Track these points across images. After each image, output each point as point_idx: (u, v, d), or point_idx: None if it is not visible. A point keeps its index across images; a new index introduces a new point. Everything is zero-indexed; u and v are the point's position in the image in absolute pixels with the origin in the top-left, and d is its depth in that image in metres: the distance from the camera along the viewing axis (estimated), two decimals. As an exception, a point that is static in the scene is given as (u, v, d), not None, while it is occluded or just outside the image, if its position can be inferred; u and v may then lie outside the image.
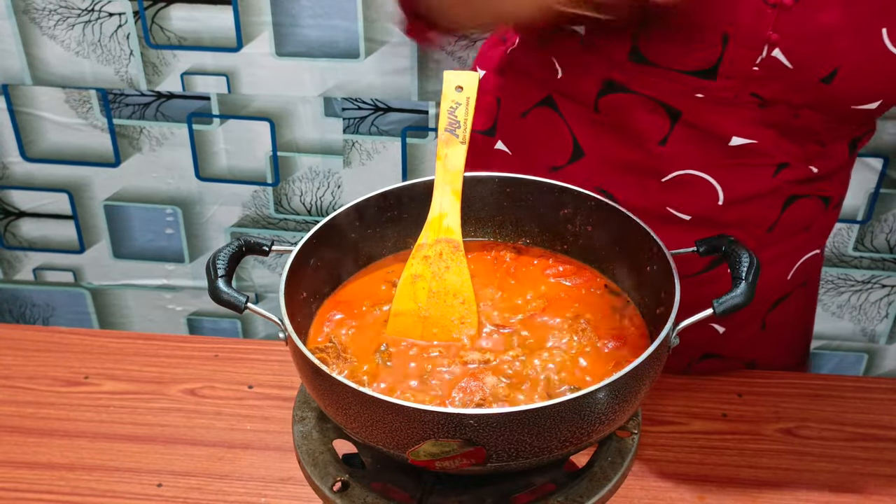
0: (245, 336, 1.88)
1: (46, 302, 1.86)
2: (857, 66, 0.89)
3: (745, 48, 0.90)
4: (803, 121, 0.94)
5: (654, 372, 0.72)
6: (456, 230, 0.85)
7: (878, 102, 0.92)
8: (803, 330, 1.20)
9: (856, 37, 0.88)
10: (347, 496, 0.75)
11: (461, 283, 0.84)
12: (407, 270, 0.84)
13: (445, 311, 0.83)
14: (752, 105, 0.93)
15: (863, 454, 0.98)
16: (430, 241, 0.84)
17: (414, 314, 0.82)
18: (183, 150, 1.63)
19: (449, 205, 0.85)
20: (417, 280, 0.83)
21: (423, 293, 0.83)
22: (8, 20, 1.51)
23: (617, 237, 0.85)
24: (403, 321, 0.82)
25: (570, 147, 1.01)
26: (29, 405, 1.04)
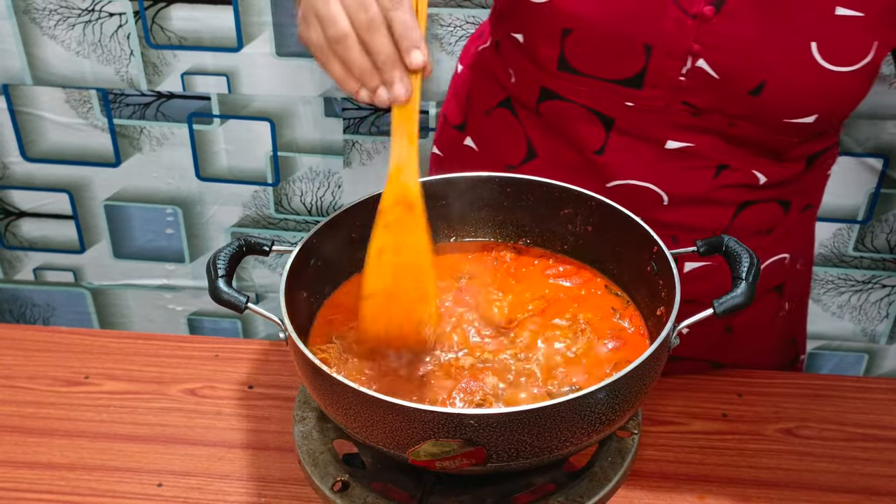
0: (245, 336, 1.88)
1: (47, 302, 1.86)
2: (785, 80, 0.88)
3: (668, 58, 0.89)
4: (739, 130, 0.94)
5: (655, 372, 0.72)
6: (413, 186, 0.75)
7: (813, 117, 0.91)
8: (785, 335, 1.18)
9: (781, 50, 0.87)
10: (347, 496, 0.75)
11: (418, 252, 0.77)
12: (372, 243, 0.76)
13: (407, 290, 0.77)
14: (684, 113, 0.93)
15: (863, 454, 0.98)
16: (389, 204, 0.76)
17: (384, 295, 0.76)
18: (183, 150, 1.63)
19: (405, 154, 0.75)
20: (382, 255, 0.76)
21: (388, 269, 0.76)
22: (8, 20, 1.51)
23: (617, 237, 0.85)
24: (374, 305, 0.76)
25: (524, 148, 1.02)
26: (29, 405, 1.04)
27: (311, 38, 0.72)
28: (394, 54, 0.71)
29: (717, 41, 0.88)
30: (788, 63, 0.88)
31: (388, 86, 0.72)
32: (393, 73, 0.72)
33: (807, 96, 0.90)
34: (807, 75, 0.88)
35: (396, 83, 0.72)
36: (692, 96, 0.91)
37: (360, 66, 0.71)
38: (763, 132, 0.94)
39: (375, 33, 0.71)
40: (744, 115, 0.92)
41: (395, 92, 0.72)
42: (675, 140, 0.94)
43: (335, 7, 0.71)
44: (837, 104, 0.92)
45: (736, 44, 0.88)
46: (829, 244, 1.63)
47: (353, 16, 0.70)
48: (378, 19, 0.70)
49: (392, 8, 0.70)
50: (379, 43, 0.71)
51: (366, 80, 0.72)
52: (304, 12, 0.73)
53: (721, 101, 0.91)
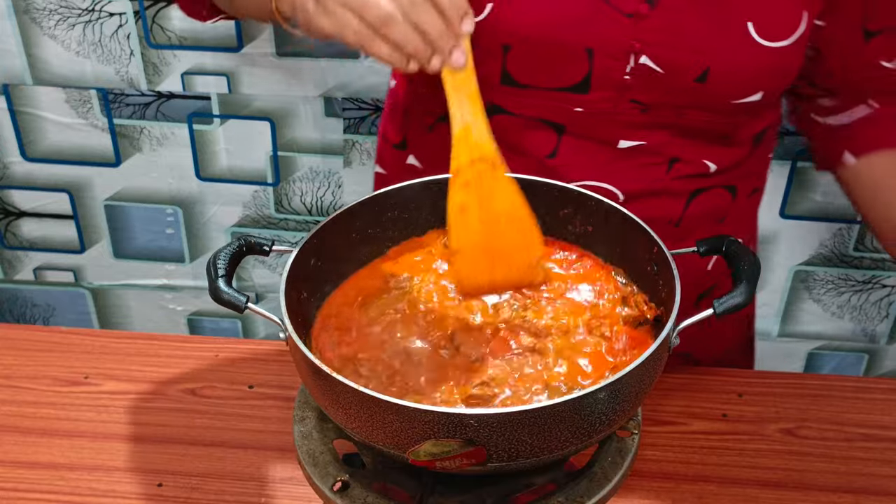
0: (245, 336, 1.88)
1: (47, 302, 1.86)
2: (728, 63, 0.89)
3: (611, 60, 0.90)
4: (689, 120, 0.94)
5: (655, 372, 0.72)
6: (487, 143, 0.79)
7: (759, 94, 0.92)
8: (743, 321, 1.20)
9: (721, 34, 0.88)
10: (347, 496, 0.75)
11: (512, 204, 0.81)
12: (452, 200, 0.80)
13: (506, 240, 0.80)
14: (634, 111, 0.93)
15: (863, 454, 0.98)
16: (465, 164, 0.79)
17: (476, 248, 0.80)
18: (183, 149, 1.63)
19: (470, 114, 0.78)
20: (465, 211, 0.80)
21: (475, 224, 0.80)
22: (8, 20, 1.51)
23: (617, 237, 0.85)
24: (468, 259, 0.80)
25: None
26: (29, 405, 1.04)
27: (346, 24, 0.71)
28: (444, 26, 0.72)
29: (656, 36, 0.89)
30: (728, 46, 0.89)
31: (444, 55, 0.73)
32: (448, 44, 0.73)
33: (750, 75, 0.91)
34: (747, 55, 0.89)
35: (454, 52, 0.73)
36: (639, 93, 0.92)
37: (413, 44, 0.71)
38: (712, 117, 0.95)
39: (422, 10, 0.71)
40: (692, 104, 0.93)
41: (454, 61, 0.74)
42: (626, 139, 0.95)
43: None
44: (779, 78, 0.94)
45: (675, 36, 0.89)
46: (829, 244, 1.63)
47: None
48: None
49: None
50: (428, 19, 0.71)
51: (420, 55, 0.72)
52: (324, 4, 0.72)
53: (668, 93, 0.92)
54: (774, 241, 1.62)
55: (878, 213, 1.03)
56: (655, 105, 0.93)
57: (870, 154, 1.02)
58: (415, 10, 0.70)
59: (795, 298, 1.69)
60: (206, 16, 1.01)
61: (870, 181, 1.03)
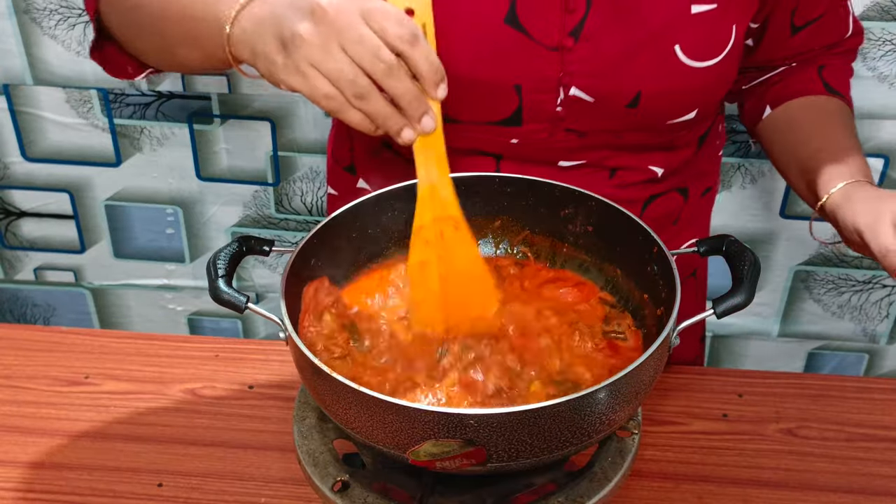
0: (245, 336, 1.88)
1: (47, 302, 1.86)
2: (657, 86, 0.89)
3: (540, 94, 0.90)
4: (627, 140, 0.95)
5: (655, 372, 0.72)
6: (452, 203, 0.79)
7: (693, 112, 0.92)
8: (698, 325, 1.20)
9: (648, 60, 0.88)
10: (347, 496, 0.75)
11: (471, 262, 0.81)
12: (412, 258, 0.80)
13: (463, 295, 0.80)
14: (570, 138, 0.93)
15: (864, 455, 0.98)
16: (428, 222, 0.79)
17: (433, 300, 0.80)
18: (184, 149, 1.63)
19: (436, 174, 0.78)
20: (425, 267, 0.80)
21: (433, 279, 0.80)
22: (9, 20, 1.51)
23: (617, 237, 0.85)
24: (425, 310, 0.80)
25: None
26: (29, 405, 1.04)
27: (318, 90, 0.68)
28: (417, 93, 0.70)
29: (583, 67, 0.89)
30: (657, 71, 0.89)
31: (413, 122, 0.71)
32: (419, 111, 0.71)
33: (682, 97, 0.92)
34: (678, 78, 0.89)
35: (425, 119, 0.71)
36: (573, 123, 0.92)
37: (384, 113, 0.69)
38: (650, 136, 0.95)
39: (396, 79, 0.68)
40: (628, 128, 0.93)
41: (423, 127, 0.72)
42: (566, 160, 0.96)
43: (343, 60, 0.67)
44: (712, 94, 0.95)
45: (603, 66, 0.89)
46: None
47: (369, 66, 0.67)
48: (396, 64, 0.68)
49: (410, 44, 0.68)
50: (402, 87, 0.69)
51: (390, 125, 0.70)
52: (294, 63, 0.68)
53: (602, 120, 0.92)
54: (774, 241, 1.62)
55: (790, 153, 1.01)
56: (591, 131, 0.93)
57: (786, 102, 1.03)
58: (391, 79, 0.68)
59: (795, 298, 1.69)
60: (133, 73, 0.94)
61: (784, 124, 1.02)
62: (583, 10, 0.87)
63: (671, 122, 0.93)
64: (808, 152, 0.96)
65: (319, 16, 0.67)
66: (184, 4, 0.80)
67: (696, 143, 1.02)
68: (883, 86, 1.45)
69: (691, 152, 1.02)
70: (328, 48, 0.67)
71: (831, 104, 1.02)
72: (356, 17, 0.67)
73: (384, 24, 0.67)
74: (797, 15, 0.98)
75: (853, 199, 0.86)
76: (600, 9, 0.87)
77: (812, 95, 1.02)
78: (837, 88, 1.03)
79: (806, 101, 1.02)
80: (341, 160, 1.10)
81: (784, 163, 1.02)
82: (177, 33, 0.81)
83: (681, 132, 0.97)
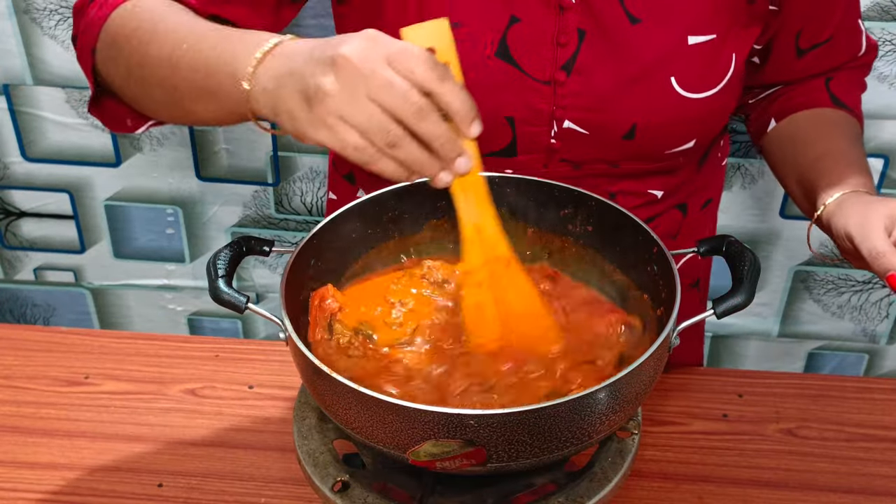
0: (245, 336, 1.88)
1: (47, 302, 1.86)
2: (653, 118, 0.88)
3: (534, 127, 0.89)
4: (624, 169, 0.94)
5: (655, 372, 0.72)
6: (500, 242, 0.77)
7: (692, 142, 0.91)
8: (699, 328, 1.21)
9: (643, 93, 0.87)
10: (348, 496, 0.75)
11: (528, 300, 0.79)
12: (466, 301, 0.78)
13: (524, 333, 0.78)
14: (566, 168, 0.93)
15: (864, 455, 0.98)
16: (478, 264, 0.77)
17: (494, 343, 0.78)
18: (184, 149, 1.63)
19: (478, 214, 0.75)
20: (481, 309, 0.78)
21: (492, 322, 0.78)
22: (9, 20, 1.51)
23: (617, 237, 0.85)
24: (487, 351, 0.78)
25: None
26: (29, 405, 1.04)
27: (348, 143, 0.64)
28: (451, 134, 0.66)
29: (577, 101, 0.88)
30: (653, 104, 0.88)
31: (450, 165, 0.67)
32: (454, 153, 0.67)
33: (679, 128, 0.90)
34: (674, 109, 0.88)
35: (460, 161, 0.67)
36: (568, 154, 0.91)
37: (420, 160, 0.66)
38: (647, 165, 0.94)
39: (429, 121, 0.64)
40: (624, 158, 0.92)
41: (459, 168, 0.68)
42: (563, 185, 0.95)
43: (371, 109, 0.63)
44: (712, 124, 0.93)
45: (596, 99, 0.88)
46: (829, 244, 1.62)
47: (398, 111, 0.63)
48: (426, 105, 0.64)
49: (440, 83, 0.64)
50: (434, 129, 0.65)
51: (426, 170, 0.67)
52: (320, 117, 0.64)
53: (598, 151, 0.91)
54: (774, 241, 1.62)
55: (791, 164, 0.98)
56: (587, 161, 0.92)
57: (791, 115, 1.02)
58: (423, 122, 0.64)
59: (795, 298, 1.69)
60: (132, 125, 0.90)
61: (787, 135, 1.01)
62: (575, 44, 0.87)
63: (670, 152, 0.92)
64: (807, 162, 0.94)
65: (342, 66, 0.63)
66: (197, 60, 0.75)
67: (696, 165, 1.01)
68: (883, 86, 1.45)
69: (691, 173, 1.01)
70: (355, 99, 0.63)
71: (836, 115, 1.00)
72: (381, 63, 0.63)
73: (411, 65, 0.63)
74: (802, 38, 0.96)
75: (846, 205, 0.84)
76: (593, 42, 0.86)
77: (818, 108, 1.00)
78: (844, 101, 1.01)
79: (810, 112, 1.00)
80: (341, 167, 1.10)
81: (785, 174, 1.00)
82: (191, 90, 0.77)
83: (679, 159, 0.96)
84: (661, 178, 0.98)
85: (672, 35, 0.87)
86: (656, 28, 0.87)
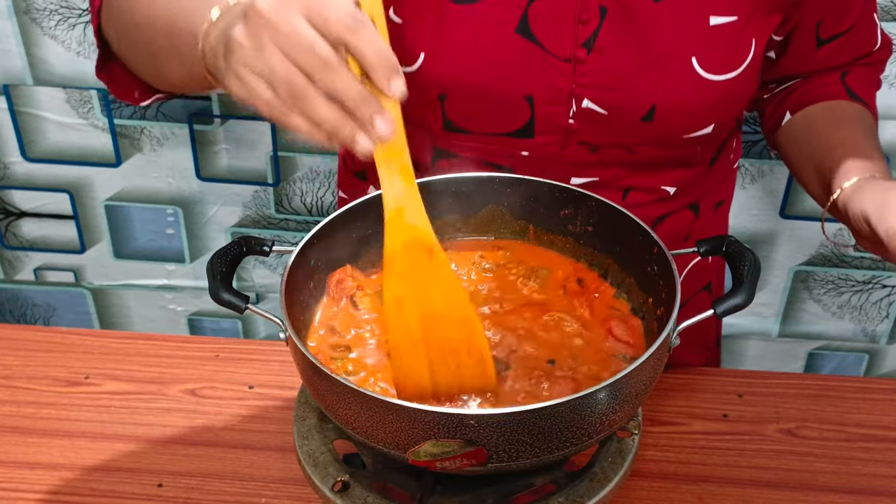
0: (246, 336, 1.88)
1: (47, 302, 1.86)
2: (674, 100, 0.88)
3: (552, 106, 0.88)
4: (641, 156, 0.93)
5: (655, 372, 0.72)
6: (422, 226, 0.69)
7: (710, 127, 0.91)
8: (712, 328, 1.20)
9: (664, 73, 0.87)
10: (348, 496, 0.75)
11: (452, 298, 0.71)
12: (386, 293, 0.70)
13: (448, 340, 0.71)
14: (583, 151, 0.92)
15: (864, 455, 0.98)
16: (399, 250, 0.69)
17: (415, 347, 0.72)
18: (184, 150, 1.63)
19: (402, 191, 0.68)
20: (401, 305, 0.71)
21: (413, 319, 0.71)
22: (9, 20, 1.51)
23: (617, 237, 0.85)
24: (407, 359, 0.72)
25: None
26: (29, 405, 1.04)
27: (257, 95, 0.61)
28: (363, 89, 0.59)
29: (596, 80, 0.87)
30: (673, 84, 0.87)
31: (367, 127, 0.60)
32: (368, 111, 0.60)
33: (698, 110, 0.90)
34: (694, 91, 0.88)
35: (377, 122, 0.60)
36: (586, 136, 0.91)
37: (329, 117, 0.60)
38: (665, 151, 0.94)
39: (336, 74, 0.58)
40: (642, 142, 0.92)
41: (378, 133, 0.60)
42: (578, 177, 0.94)
43: (274, 57, 0.59)
44: (730, 108, 0.93)
45: (616, 78, 0.87)
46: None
47: (303, 62, 0.58)
48: (334, 57, 0.58)
49: (352, 32, 0.58)
50: (344, 83, 0.59)
51: (338, 130, 0.60)
52: (232, 68, 0.61)
53: (616, 134, 0.90)
54: (774, 241, 1.62)
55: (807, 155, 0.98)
56: (604, 145, 0.92)
57: (806, 107, 1.01)
58: (329, 76, 0.58)
59: (795, 298, 1.69)
60: (139, 98, 0.90)
61: (802, 127, 1.00)
62: (596, 21, 0.86)
63: (687, 137, 0.91)
64: (823, 151, 0.94)
65: (252, 16, 0.60)
66: (165, 18, 0.75)
67: (709, 161, 1.01)
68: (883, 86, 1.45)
69: (704, 170, 1.01)
70: (261, 48, 0.59)
71: (852, 108, 0.99)
72: (292, 14, 0.59)
73: (324, 13, 0.58)
74: (823, 28, 0.96)
75: (863, 189, 0.84)
76: (614, 20, 0.86)
77: (833, 100, 1.00)
78: (860, 94, 1.00)
79: (826, 104, 1.00)
80: (351, 163, 1.09)
81: (800, 165, 1.00)
82: (163, 49, 0.76)
83: (696, 147, 0.96)
84: (675, 173, 0.97)
85: (694, 15, 0.87)
86: (678, 7, 0.86)
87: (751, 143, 1.52)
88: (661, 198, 0.99)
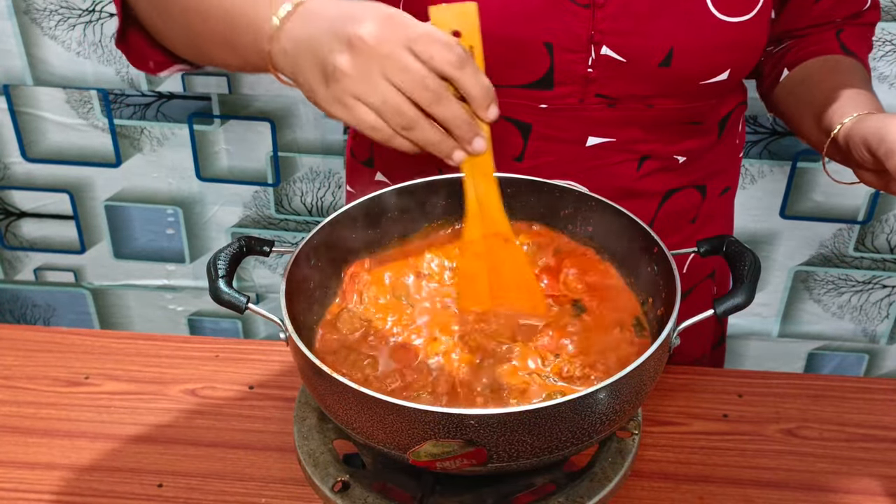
0: (246, 336, 1.88)
1: (47, 302, 1.87)
2: (690, 43, 0.89)
3: (572, 53, 0.89)
4: (658, 111, 0.94)
5: (655, 372, 0.72)
6: (501, 220, 0.80)
7: (726, 73, 0.92)
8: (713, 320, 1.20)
9: (680, 15, 0.88)
10: (348, 496, 0.75)
11: (520, 274, 0.82)
12: (463, 269, 0.83)
13: (512, 304, 0.82)
14: (600, 107, 0.93)
15: (864, 455, 0.98)
16: (477, 237, 0.81)
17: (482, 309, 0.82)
18: (184, 150, 1.64)
19: (484, 192, 0.78)
20: (475, 279, 0.82)
21: (483, 291, 0.82)
22: (9, 20, 1.51)
23: (617, 238, 0.85)
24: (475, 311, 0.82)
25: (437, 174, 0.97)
26: (29, 405, 1.04)
27: (364, 122, 0.66)
28: (467, 117, 0.68)
29: (614, 25, 0.88)
30: (689, 26, 0.89)
31: (465, 145, 0.70)
32: (470, 134, 0.69)
33: (714, 53, 0.91)
34: (710, 33, 0.90)
35: (475, 140, 0.70)
36: (604, 87, 0.91)
37: (433, 140, 0.68)
38: (680, 104, 0.95)
39: (445, 106, 0.67)
40: (659, 93, 0.93)
41: (475, 149, 0.70)
42: (595, 136, 0.95)
43: (386, 91, 0.65)
44: (744, 55, 0.94)
45: (634, 22, 0.88)
46: (829, 244, 1.63)
47: (415, 95, 0.66)
48: (442, 90, 0.66)
49: (458, 69, 0.66)
50: (451, 113, 0.67)
51: (440, 149, 0.69)
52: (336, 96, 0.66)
53: (634, 83, 0.91)
54: (774, 241, 1.62)
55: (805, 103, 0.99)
56: (622, 98, 0.92)
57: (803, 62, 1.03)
58: (439, 107, 0.67)
59: (795, 298, 1.70)
60: (154, 68, 0.92)
61: (799, 80, 1.02)
62: None
63: (703, 84, 0.92)
64: (823, 95, 0.95)
65: (358, 47, 0.65)
66: (218, 11, 0.77)
67: (716, 129, 1.02)
68: (883, 86, 1.45)
69: (713, 139, 1.02)
70: (370, 80, 0.65)
71: (847, 61, 1.02)
72: (399, 46, 0.65)
73: (430, 50, 0.65)
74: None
75: (863, 121, 0.85)
76: None
77: (829, 55, 1.02)
78: (854, 50, 1.03)
79: (822, 58, 1.02)
80: (360, 155, 1.10)
81: (799, 114, 1.00)
82: (213, 35, 0.79)
83: (711, 100, 0.97)
84: (687, 141, 0.98)
85: None
86: None
87: (751, 143, 1.52)
88: (672, 167, 0.99)
